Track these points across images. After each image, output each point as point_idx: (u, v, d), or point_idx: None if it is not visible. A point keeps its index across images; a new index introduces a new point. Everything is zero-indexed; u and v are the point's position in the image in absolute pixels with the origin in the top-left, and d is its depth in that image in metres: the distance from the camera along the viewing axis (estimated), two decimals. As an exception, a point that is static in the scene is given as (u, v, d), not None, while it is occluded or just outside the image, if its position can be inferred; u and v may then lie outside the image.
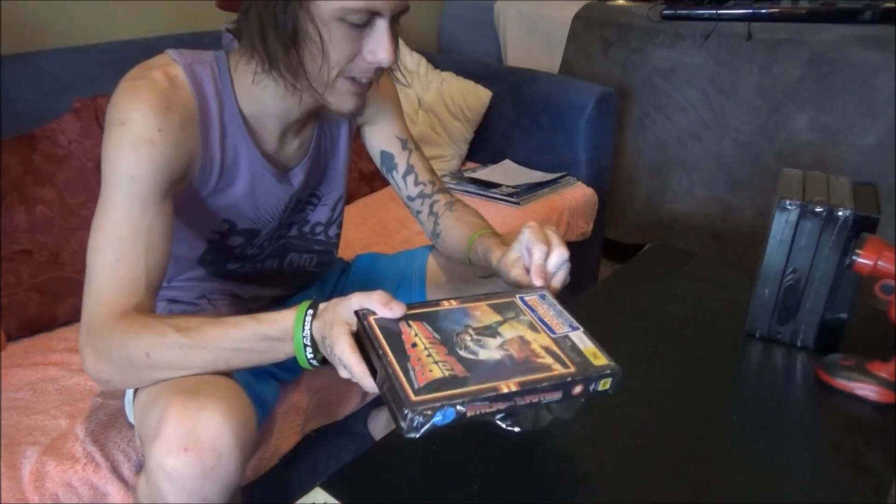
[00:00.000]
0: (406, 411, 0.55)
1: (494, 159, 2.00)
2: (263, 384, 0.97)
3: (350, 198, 1.76)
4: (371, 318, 0.64)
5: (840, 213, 0.88)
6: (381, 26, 0.77)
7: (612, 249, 2.21)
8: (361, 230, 1.58)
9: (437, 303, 0.70)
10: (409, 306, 0.66)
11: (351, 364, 0.63)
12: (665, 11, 2.00)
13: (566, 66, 2.20)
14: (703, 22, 1.94)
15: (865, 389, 0.86)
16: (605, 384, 0.66)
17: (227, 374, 0.75)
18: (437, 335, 0.64)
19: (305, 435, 1.10)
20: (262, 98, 0.83)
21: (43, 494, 0.83)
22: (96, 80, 1.33)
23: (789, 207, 0.91)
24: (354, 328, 0.65)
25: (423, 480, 0.74)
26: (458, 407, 0.57)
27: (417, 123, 1.94)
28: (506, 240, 0.90)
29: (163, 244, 0.76)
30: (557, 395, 0.62)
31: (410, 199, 1.04)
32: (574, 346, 0.68)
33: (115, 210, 0.74)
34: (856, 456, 0.78)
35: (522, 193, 1.74)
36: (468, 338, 0.65)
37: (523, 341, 0.66)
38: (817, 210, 0.90)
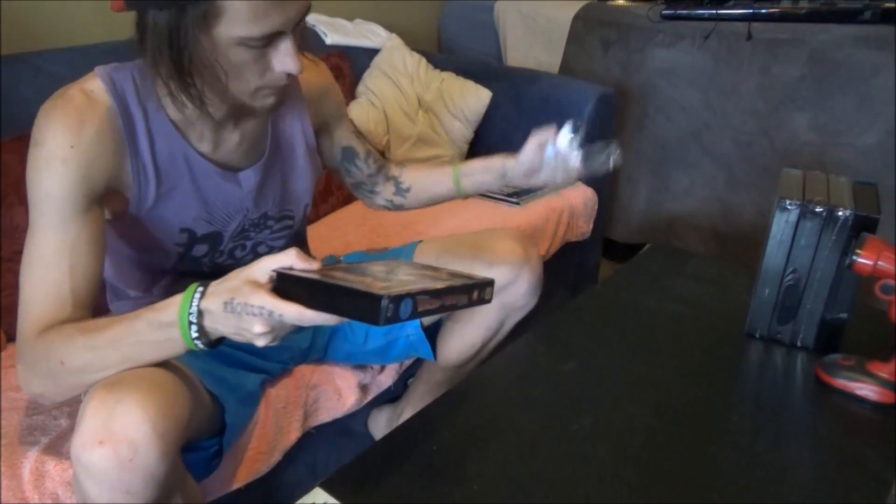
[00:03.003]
0: (382, 300, 0.62)
1: (494, 159, 2.00)
2: (242, 372, 0.96)
3: (350, 198, 1.76)
4: (295, 270, 0.68)
5: (840, 213, 0.88)
6: (285, 43, 0.75)
7: (612, 249, 2.21)
8: (361, 230, 1.58)
9: (332, 265, 0.77)
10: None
11: (278, 306, 0.65)
12: (665, 11, 2.00)
13: (566, 66, 2.19)
14: (703, 22, 1.94)
15: (865, 389, 0.86)
16: (488, 293, 0.76)
17: (169, 365, 0.74)
18: (356, 276, 0.71)
19: (306, 431, 1.11)
20: (183, 105, 0.82)
21: (43, 494, 0.83)
22: (96, 80, 1.33)
23: (789, 207, 0.91)
24: (266, 286, 0.67)
25: (423, 480, 0.74)
26: (416, 296, 0.65)
27: (417, 123, 1.94)
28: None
29: (90, 257, 0.77)
30: (465, 299, 0.72)
31: (371, 176, 1.11)
32: (455, 274, 0.77)
33: (37, 230, 0.76)
34: (856, 456, 0.78)
35: (522, 193, 1.74)
36: (381, 274, 0.73)
37: (420, 276, 0.75)
38: (817, 210, 0.90)
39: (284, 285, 0.68)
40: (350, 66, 1.90)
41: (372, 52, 1.98)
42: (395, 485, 0.73)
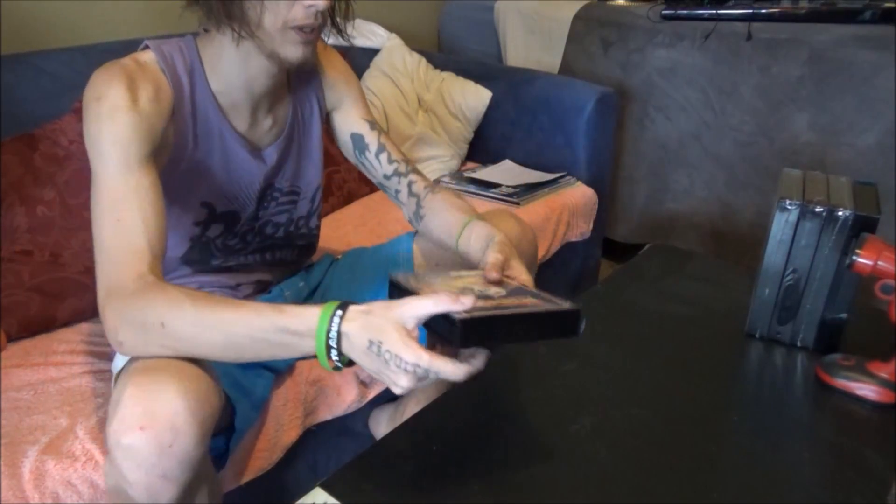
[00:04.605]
0: (579, 313, 0.70)
1: (494, 159, 2.00)
2: (253, 376, 0.97)
3: (350, 198, 1.76)
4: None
5: (840, 213, 0.88)
6: None
7: (612, 249, 2.21)
8: (361, 230, 1.58)
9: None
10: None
11: (434, 365, 0.63)
12: (665, 11, 2.00)
13: (566, 66, 2.19)
14: (703, 22, 1.94)
15: (865, 389, 0.86)
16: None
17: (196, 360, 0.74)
18: (499, 302, 0.72)
19: (306, 430, 1.11)
20: (226, 73, 0.88)
21: (43, 493, 0.83)
22: (96, 80, 1.33)
23: (789, 207, 0.91)
24: (413, 334, 0.66)
25: (423, 480, 0.74)
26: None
27: (417, 123, 1.94)
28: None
29: (155, 202, 0.79)
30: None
31: (387, 177, 1.05)
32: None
33: (105, 177, 0.77)
34: (856, 456, 0.78)
35: (522, 193, 1.74)
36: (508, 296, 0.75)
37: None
38: (817, 210, 0.90)
39: (441, 329, 0.66)
40: (350, 65, 1.89)
41: (372, 52, 1.98)
42: (395, 485, 0.73)
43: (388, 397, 1.28)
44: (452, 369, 0.64)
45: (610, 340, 1.00)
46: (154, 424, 0.66)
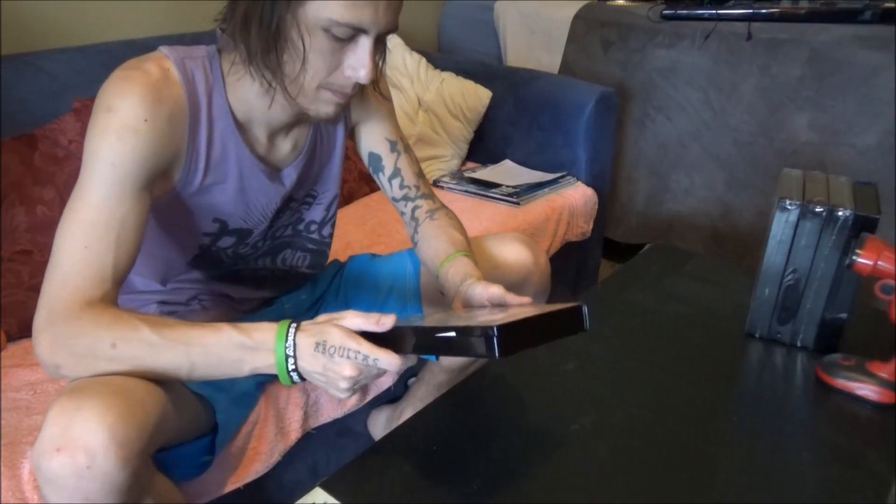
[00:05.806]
0: (495, 332, 0.62)
1: (494, 159, 2.00)
2: (239, 380, 0.96)
3: (350, 198, 1.76)
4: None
5: (840, 213, 0.88)
6: (364, 43, 0.77)
7: (612, 249, 2.21)
8: (361, 230, 1.58)
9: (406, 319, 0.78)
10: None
11: (374, 352, 0.69)
12: (665, 11, 2.00)
13: (566, 66, 2.19)
14: (703, 22, 1.94)
15: (865, 389, 0.86)
16: (583, 322, 0.72)
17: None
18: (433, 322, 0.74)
19: (306, 432, 1.11)
20: (248, 99, 0.84)
21: (43, 494, 0.83)
22: (96, 80, 1.31)
23: (789, 207, 0.91)
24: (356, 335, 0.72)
25: (423, 480, 0.74)
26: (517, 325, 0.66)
27: (417, 123, 1.94)
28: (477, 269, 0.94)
29: (134, 237, 0.76)
30: (559, 329, 0.72)
31: (395, 200, 1.06)
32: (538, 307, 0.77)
33: (91, 196, 0.74)
34: (856, 456, 0.78)
35: (522, 193, 1.74)
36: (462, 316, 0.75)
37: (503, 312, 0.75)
38: (817, 210, 0.90)
39: (376, 339, 0.71)
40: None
41: (372, 52, 1.98)
42: (395, 485, 0.73)
43: (386, 399, 1.29)
44: (390, 359, 0.69)
45: (610, 340, 1.00)
46: (69, 446, 0.63)
